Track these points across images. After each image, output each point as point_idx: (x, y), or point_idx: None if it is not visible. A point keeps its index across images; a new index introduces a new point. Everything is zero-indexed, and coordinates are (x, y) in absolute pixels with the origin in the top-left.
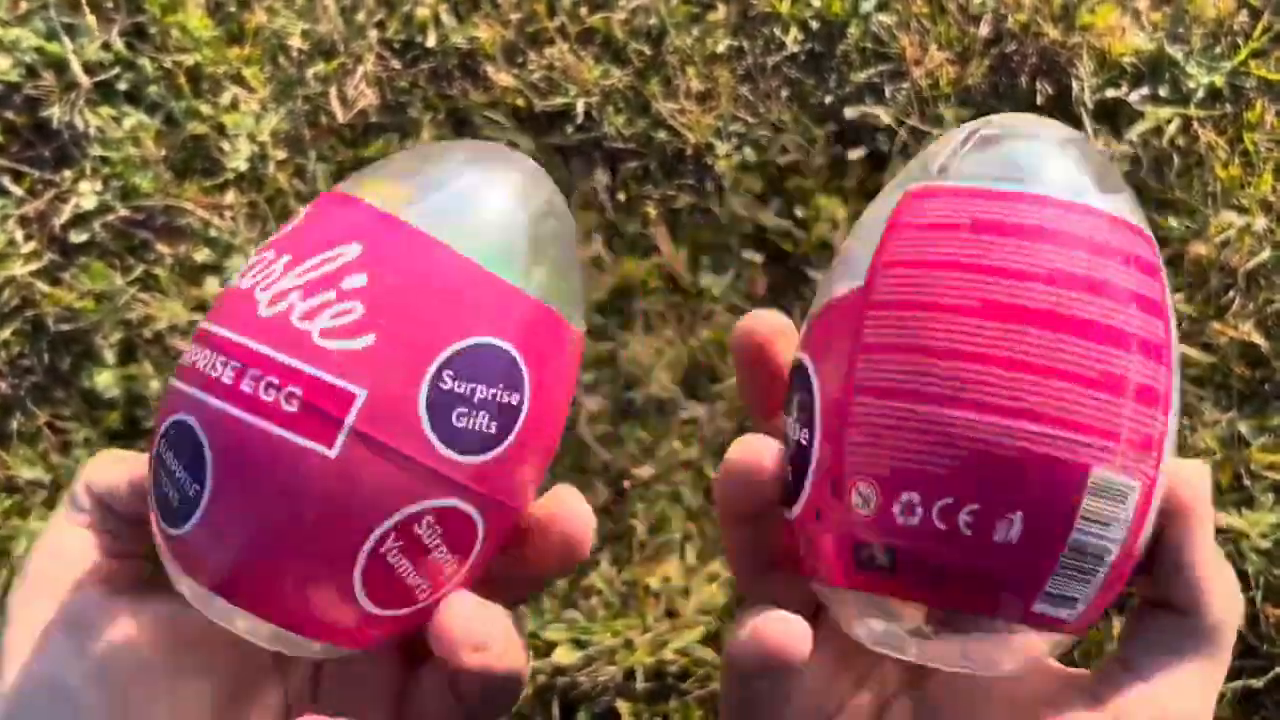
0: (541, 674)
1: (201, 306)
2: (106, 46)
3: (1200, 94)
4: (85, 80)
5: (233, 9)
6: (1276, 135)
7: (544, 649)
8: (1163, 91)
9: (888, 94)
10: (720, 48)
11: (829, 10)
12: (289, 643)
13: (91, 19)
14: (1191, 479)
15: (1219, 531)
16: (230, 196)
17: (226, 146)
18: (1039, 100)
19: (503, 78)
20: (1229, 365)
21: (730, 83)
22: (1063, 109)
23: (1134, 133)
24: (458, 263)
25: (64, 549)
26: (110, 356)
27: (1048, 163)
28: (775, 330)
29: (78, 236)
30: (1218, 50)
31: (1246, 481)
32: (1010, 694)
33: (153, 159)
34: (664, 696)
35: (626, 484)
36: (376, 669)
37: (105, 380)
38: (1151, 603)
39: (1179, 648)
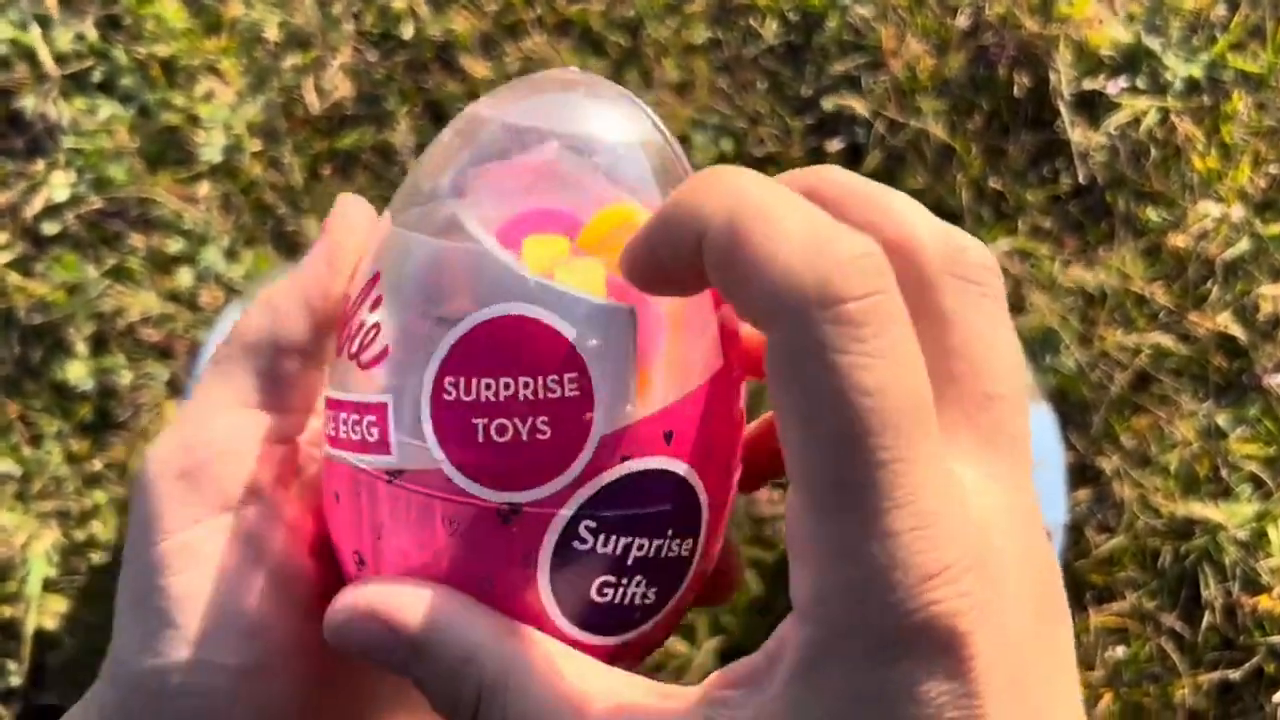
0: None
1: (174, 297)
2: (80, 37)
3: (1178, 85)
4: (56, 71)
5: (208, 0)
6: (1254, 126)
7: None
8: (1140, 83)
9: (865, 86)
10: (698, 39)
11: (807, 2)
12: None
13: (53, 3)
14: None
15: (1194, 522)
16: (204, 188)
17: (201, 137)
18: (1016, 92)
19: (479, 69)
20: (1207, 356)
21: (708, 74)
22: (1040, 100)
23: (1112, 124)
24: None
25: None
26: (82, 348)
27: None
28: None
29: (50, 228)
30: (1195, 42)
31: (1224, 473)
32: None
33: (126, 150)
34: None
35: None
36: None
37: (77, 372)
38: None
39: None
